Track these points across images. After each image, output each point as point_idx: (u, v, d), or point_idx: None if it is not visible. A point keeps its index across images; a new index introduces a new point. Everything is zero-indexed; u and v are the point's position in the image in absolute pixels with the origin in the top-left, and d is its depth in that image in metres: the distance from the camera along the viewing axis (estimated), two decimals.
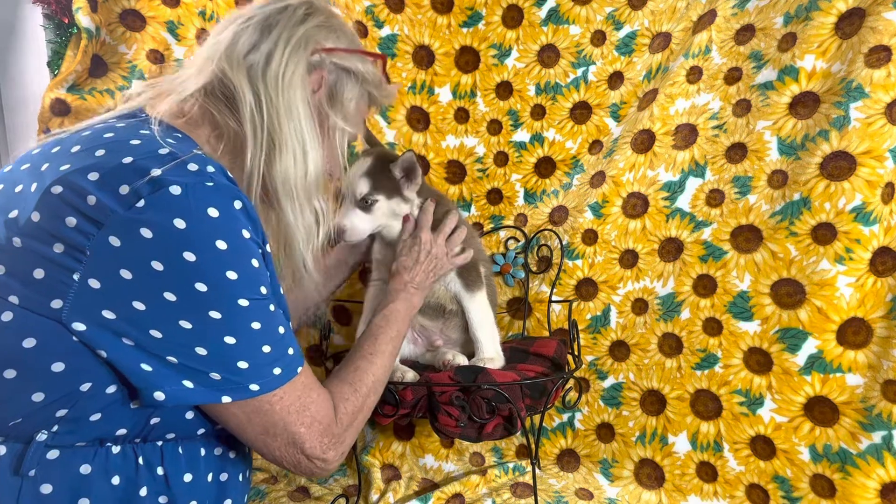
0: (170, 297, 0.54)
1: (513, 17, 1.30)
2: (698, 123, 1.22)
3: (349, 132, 0.77)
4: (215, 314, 0.56)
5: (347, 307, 1.37)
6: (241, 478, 0.72)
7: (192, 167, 0.56)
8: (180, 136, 0.64)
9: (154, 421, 0.60)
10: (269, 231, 0.70)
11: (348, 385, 0.74)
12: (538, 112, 1.33)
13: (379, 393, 0.79)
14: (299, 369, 0.64)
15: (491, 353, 1.04)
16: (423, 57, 1.35)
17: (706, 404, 1.17)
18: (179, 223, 0.53)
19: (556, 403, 1.19)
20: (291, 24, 0.69)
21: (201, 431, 0.65)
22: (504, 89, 1.34)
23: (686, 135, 1.23)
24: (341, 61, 0.74)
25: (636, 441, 1.23)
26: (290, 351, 0.64)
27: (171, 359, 0.55)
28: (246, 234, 0.58)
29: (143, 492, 0.60)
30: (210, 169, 0.58)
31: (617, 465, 1.24)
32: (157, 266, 0.53)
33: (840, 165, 1.05)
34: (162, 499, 0.61)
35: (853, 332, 1.05)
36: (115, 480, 0.58)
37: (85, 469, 0.56)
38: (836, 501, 1.04)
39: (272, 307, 0.61)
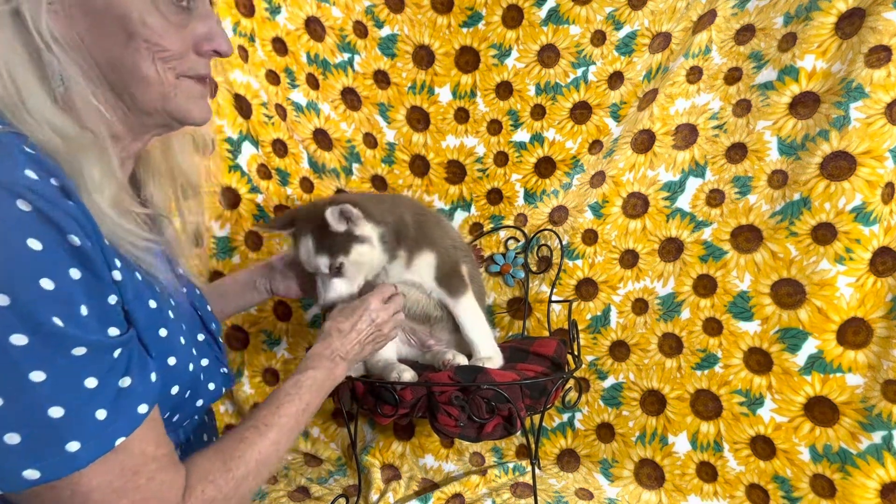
0: None
1: (513, 17, 1.30)
2: (698, 123, 1.22)
3: None
4: None
5: None
6: None
7: None
8: None
9: None
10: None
11: (221, 461, 0.57)
12: (538, 112, 1.33)
13: (263, 478, 0.61)
14: (118, 441, 0.47)
15: (489, 352, 1.04)
16: (423, 57, 1.35)
17: (706, 404, 1.17)
18: None
19: (556, 403, 1.19)
20: None
21: None
22: (504, 89, 1.34)
23: (686, 135, 1.23)
24: None
25: (636, 441, 1.23)
26: (101, 415, 0.46)
27: None
28: (35, 244, 0.43)
29: None
30: None
31: (617, 465, 1.24)
32: None
33: (840, 165, 1.05)
34: None
35: (853, 332, 1.05)
36: None
37: None
38: (836, 501, 1.04)
39: (80, 350, 0.45)
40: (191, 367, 0.60)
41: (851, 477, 1.02)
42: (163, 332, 0.57)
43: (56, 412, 0.43)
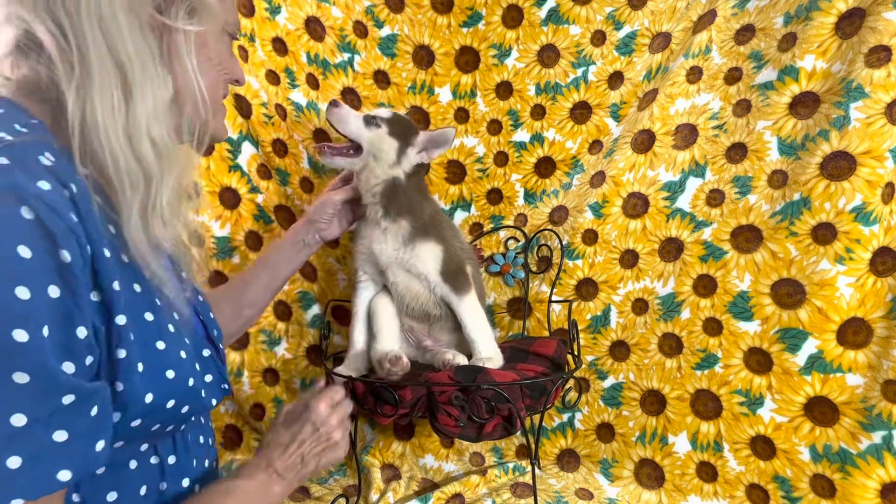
0: None
1: (513, 17, 1.30)
2: (698, 123, 1.22)
3: (223, 29, 0.64)
4: None
5: (346, 307, 1.37)
6: (185, 483, 0.64)
7: None
8: (2, 110, 0.50)
9: None
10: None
11: None
12: (538, 112, 1.33)
13: None
14: (15, 503, 0.41)
15: (489, 353, 1.04)
16: (423, 57, 1.35)
17: (706, 404, 1.17)
18: None
19: (555, 403, 1.19)
20: None
21: (118, 447, 0.54)
22: (504, 89, 1.34)
23: (686, 135, 1.23)
24: None
25: (636, 441, 1.23)
26: (13, 462, 0.41)
27: None
28: (24, 251, 0.42)
29: None
30: (4, 161, 0.43)
31: (617, 465, 1.24)
32: None
33: (840, 165, 1.05)
34: None
35: (853, 332, 1.05)
36: None
37: None
38: (836, 501, 1.04)
39: (21, 376, 0.41)
40: (191, 381, 0.59)
41: (851, 477, 1.02)
42: (160, 345, 0.56)
43: None
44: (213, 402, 0.65)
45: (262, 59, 1.28)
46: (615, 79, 1.29)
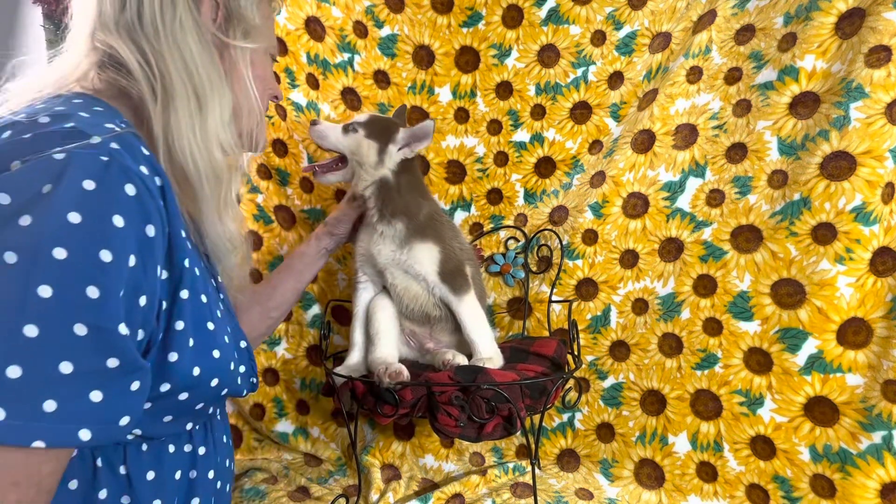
0: None
1: (513, 17, 1.30)
2: (698, 123, 1.22)
3: (268, 49, 0.72)
4: (5, 293, 0.43)
5: (346, 307, 1.37)
6: (210, 475, 0.69)
7: (95, 140, 0.49)
8: (102, 109, 0.56)
9: None
10: (191, 205, 0.63)
11: None
12: (538, 112, 1.33)
13: None
14: (37, 443, 0.43)
15: (489, 353, 1.04)
16: (423, 57, 1.35)
17: (706, 404, 1.17)
18: (46, 187, 0.44)
19: (555, 403, 1.19)
20: None
21: (167, 422, 0.60)
22: (504, 89, 1.34)
23: (686, 135, 1.23)
24: None
25: (636, 441, 1.23)
26: (49, 406, 0.44)
27: None
28: (119, 221, 0.47)
29: (104, 494, 0.55)
30: (114, 146, 0.49)
31: (617, 465, 1.24)
32: None
33: (840, 165, 1.05)
34: (125, 499, 0.57)
35: (853, 332, 1.05)
36: (73, 485, 0.54)
37: None
38: (836, 501, 1.04)
39: (81, 328, 0.45)
40: (231, 365, 0.64)
41: (851, 477, 1.02)
42: (210, 326, 0.61)
43: (13, 372, 0.42)
44: (245, 391, 0.70)
45: None
46: (615, 79, 1.29)
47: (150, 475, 0.60)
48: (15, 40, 1.24)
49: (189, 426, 0.65)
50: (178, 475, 0.63)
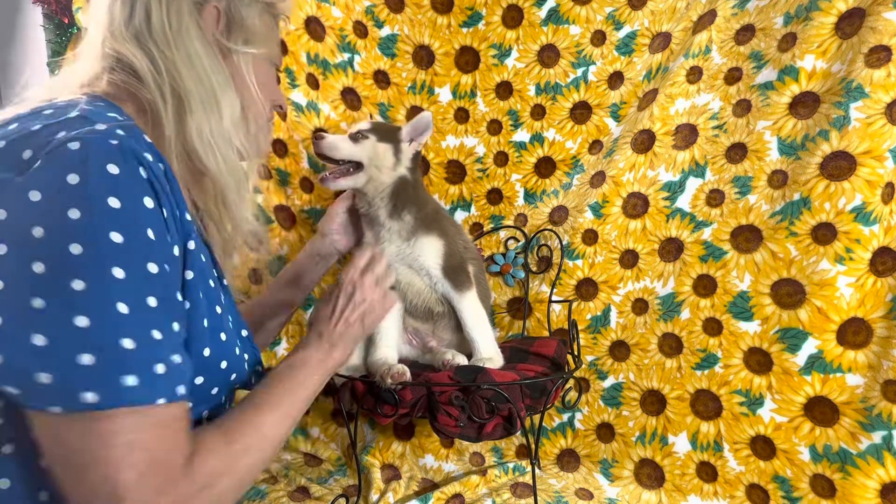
0: (37, 268, 0.45)
1: (513, 17, 1.30)
2: (698, 123, 1.22)
3: (269, 57, 0.74)
4: (78, 284, 0.46)
5: None
6: None
7: (101, 126, 0.51)
8: (103, 104, 0.58)
9: None
10: (208, 200, 0.67)
11: (222, 435, 0.58)
12: (538, 112, 1.33)
13: (263, 460, 0.62)
14: (161, 401, 0.48)
15: (489, 353, 1.04)
16: (423, 57, 1.35)
17: (706, 404, 1.17)
18: (73, 178, 0.47)
19: (555, 403, 1.19)
20: None
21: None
22: (504, 89, 1.34)
23: (686, 135, 1.23)
24: None
25: (636, 441, 1.23)
26: (160, 368, 0.49)
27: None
28: (148, 202, 0.51)
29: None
30: (120, 132, 0.52)
31: (617, 465, 1.24)
32: (37, 233, 0.46)
33: (840, 165, 1.05)
34: None
35: (853, 332, 1.05)
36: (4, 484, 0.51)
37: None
38: (836, 501, 1.04)
39: (153, 300, 0.50)
40: (237, 350, 0.65)
41: (851, 477, 1.02)
42: (218, 309, 0.63)
43: (128, 343, 0.47)
44: (252, 379, 0.72)
45: None
46: (615, 79, 1.29)
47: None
48: (15, 40, 1.24)
49: (205, 413, 0.65)
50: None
